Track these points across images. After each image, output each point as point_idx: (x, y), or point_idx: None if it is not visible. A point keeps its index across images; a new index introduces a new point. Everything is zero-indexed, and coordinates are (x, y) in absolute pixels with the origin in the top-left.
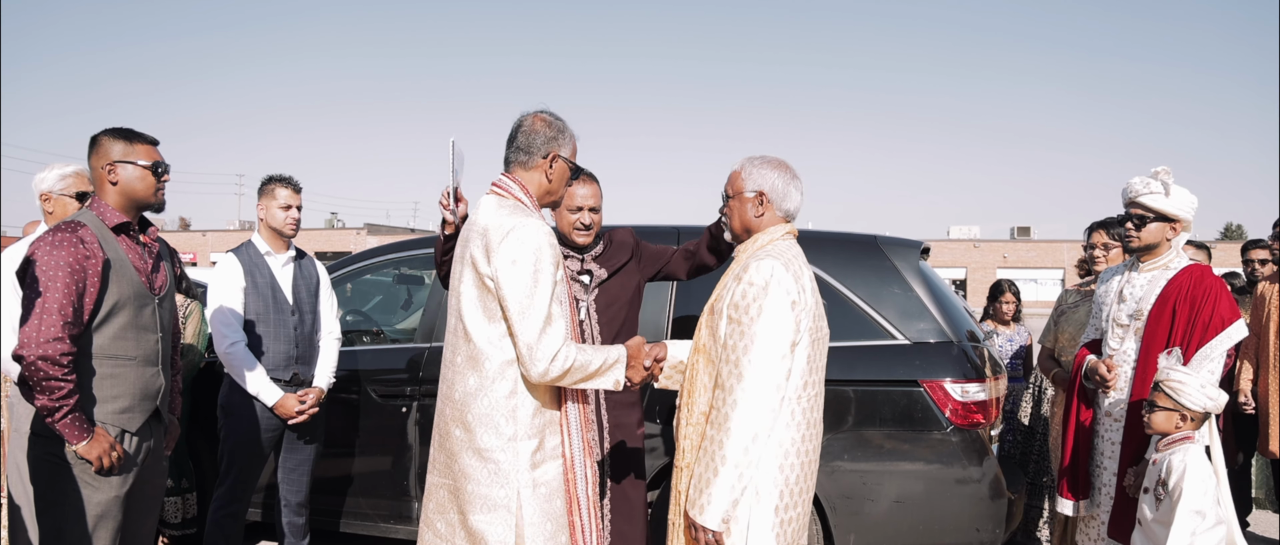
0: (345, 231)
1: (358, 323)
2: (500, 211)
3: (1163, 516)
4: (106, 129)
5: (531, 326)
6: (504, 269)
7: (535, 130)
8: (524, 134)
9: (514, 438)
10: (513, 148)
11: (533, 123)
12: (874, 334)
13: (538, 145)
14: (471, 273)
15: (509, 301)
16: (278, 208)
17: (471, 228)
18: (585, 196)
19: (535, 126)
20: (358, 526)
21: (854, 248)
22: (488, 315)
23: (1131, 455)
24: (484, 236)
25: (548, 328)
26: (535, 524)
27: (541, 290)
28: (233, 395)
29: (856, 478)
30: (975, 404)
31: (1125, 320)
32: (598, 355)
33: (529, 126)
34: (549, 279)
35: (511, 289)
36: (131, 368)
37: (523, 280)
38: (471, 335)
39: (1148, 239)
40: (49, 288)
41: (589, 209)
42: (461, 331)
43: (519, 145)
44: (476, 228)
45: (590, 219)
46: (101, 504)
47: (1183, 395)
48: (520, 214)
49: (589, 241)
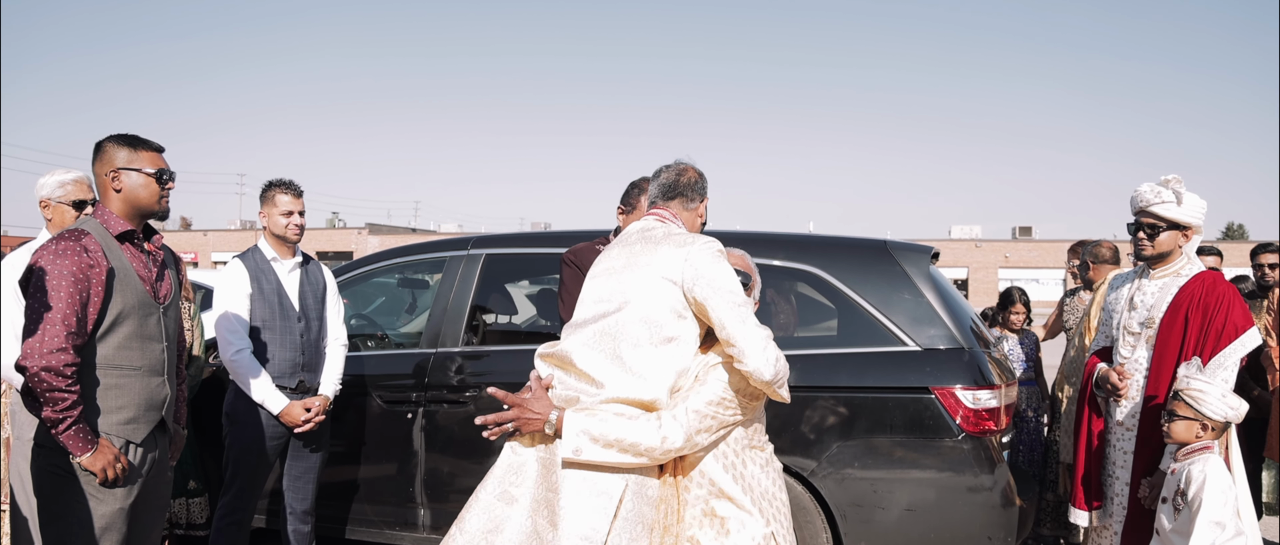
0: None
1: (361, 327)
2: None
3: (1182, 527)
4: (111, 135)
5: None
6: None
7: (697, 180)
8: (688, 178)
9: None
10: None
11: (692, 172)
12: (884, 340)
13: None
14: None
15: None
16: (279, 214)
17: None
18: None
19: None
20: (363, 533)
21: (864, 253)
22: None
23: (1145, 465)
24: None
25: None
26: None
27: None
28: (238, 403)
29: (867, 485)
30: (986, 411)
31: (1136, 328)
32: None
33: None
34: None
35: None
36: (136, 378)
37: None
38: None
39: (1161, 248)
40: (53, 297)
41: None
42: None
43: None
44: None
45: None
46: (106, 516)
47: (1204, 404)
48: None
49: None
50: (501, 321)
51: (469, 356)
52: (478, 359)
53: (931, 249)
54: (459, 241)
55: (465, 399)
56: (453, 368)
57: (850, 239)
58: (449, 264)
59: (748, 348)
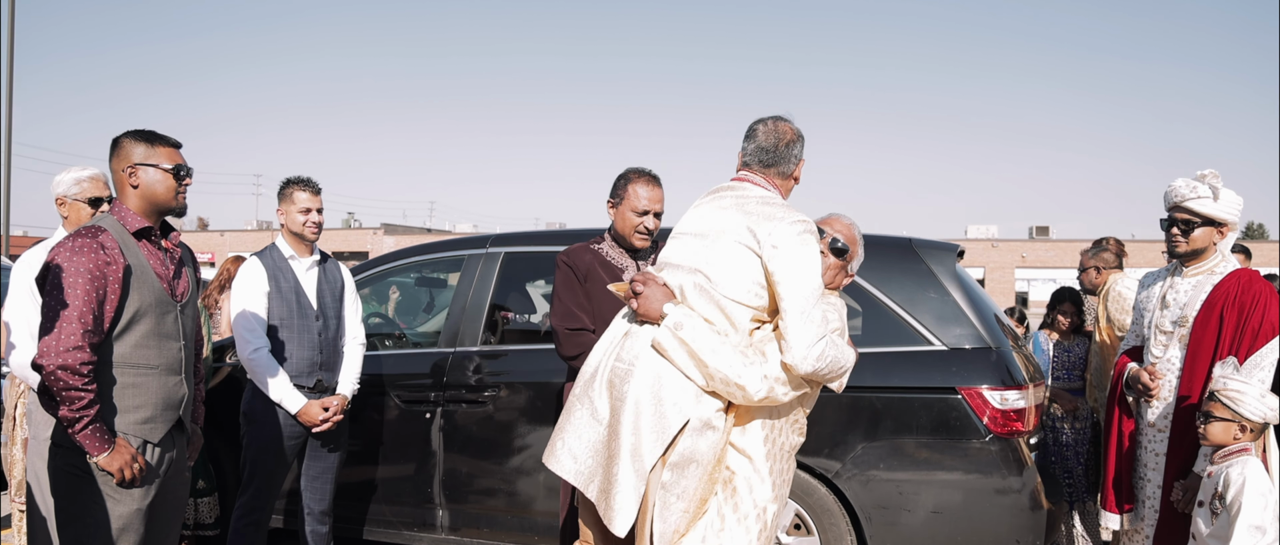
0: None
1: (379, 326)
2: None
3: (1219, 531)
4: (128, 131)
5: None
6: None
7: (794, 142)
8: (786, 142)
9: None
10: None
11: (790, 133)
12: (909, 339)
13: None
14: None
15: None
16: (297, 212)
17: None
18: (652, 199)
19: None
20: (381, 534)
21: (889, 251)
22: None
23: (1178, 468)
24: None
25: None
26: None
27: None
28: (256, 402)
29: (892, 487)
30: (1014, 412)
31: (1169, 327)
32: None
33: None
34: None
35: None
36: (153, 377)
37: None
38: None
39: (1195, 244)
40: (69, 295)
41: (655, 214)
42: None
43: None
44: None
45: (654, 224)
46: (124, 517)
47: (1242, 405)
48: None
49: (647, 247)
50: (520, 320)
51: (488, 356)
52: (497, 358)
53: (957, 247)
54: (478, 240)
55: (484, 399)
56: (471, 367)
57: (875, 237)
58: (468, 263)
59: (793, 340)
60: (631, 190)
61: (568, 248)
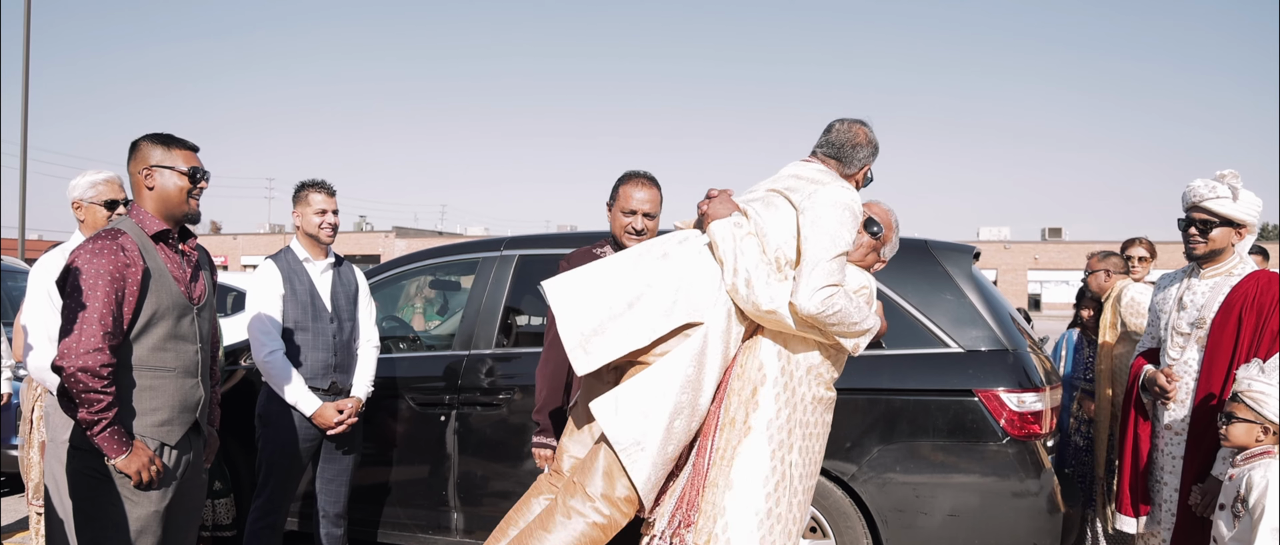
0: (374, 235)
1: (393, 329)
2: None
3: (1242, 535)
4: (147, 134)
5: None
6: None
7: (863, 145)
8: (855, 141)
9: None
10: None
11: (862, 135)
12: (926, 342)
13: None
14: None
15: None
16: (312, 213)
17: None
18: (641, 200)
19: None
20: (396, 537)
21: (905, 253)
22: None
23: (1195, 470)
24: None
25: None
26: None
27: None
28: (271, 404)
29: (909, 490)
30: (1031, 414)
31: (1186, 329)
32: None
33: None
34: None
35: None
36: (171, 379)
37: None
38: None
39: (1213, 245)
40: (89, 297)
41: (644, 214)
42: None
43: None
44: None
45: (643, 224)
46: (142, 518)
47: (1266, 407)
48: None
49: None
50: (535, 323)
51: (502, 358)
52: (511, 361)
53: (973, 249)
54: (492, 242)
55: (499, 401)
56: (485, 370)
57: None
58: (482, 265)
59: (801, 282)
60: (622, 192)
61: (570, 254)
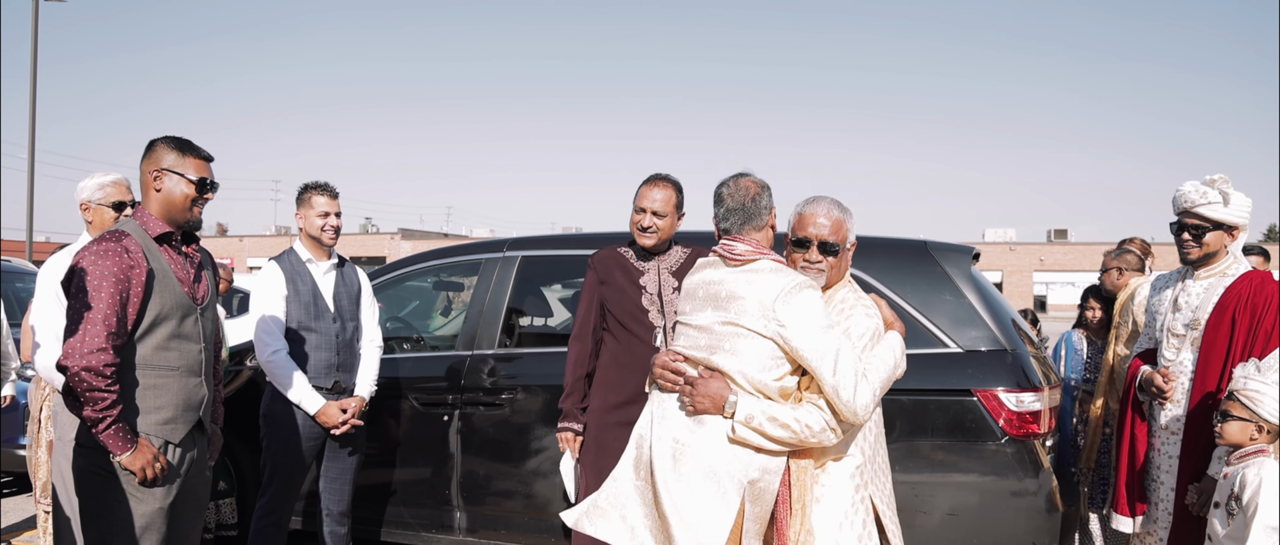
0: (380, 237)
1: (397, 329)
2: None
3: (1236, 533)
4: (165, 136)
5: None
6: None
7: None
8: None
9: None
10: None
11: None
12: (925, 342)
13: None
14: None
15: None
16: (315, 216)
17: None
18: (652, 199)
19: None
20: (399, 536)
21: (904, 253)
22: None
23: (1191, 471)
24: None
25: None
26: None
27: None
28: (275, 404)
29: (908, 489)
30: (1030, 414)
31: (1181, 330)
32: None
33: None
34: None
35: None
36: (175, 378)
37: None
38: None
39: (1207, 250)
40: (94, 298)
41: (653, 212)
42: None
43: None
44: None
45: (650, 222)
46: (146, 515)
47: (1261, 406)
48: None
49: (651, 245)
50: (537, 324)
51: (504, 359)
52: (513, 361)
53: (972, 249)
54: (495, 243)
55: (501, 401)
56: (488, 370)
57: (889, 239)
58: (485, 266)
59: (839, 402)
60: (640, 191)
61: (597, 253)
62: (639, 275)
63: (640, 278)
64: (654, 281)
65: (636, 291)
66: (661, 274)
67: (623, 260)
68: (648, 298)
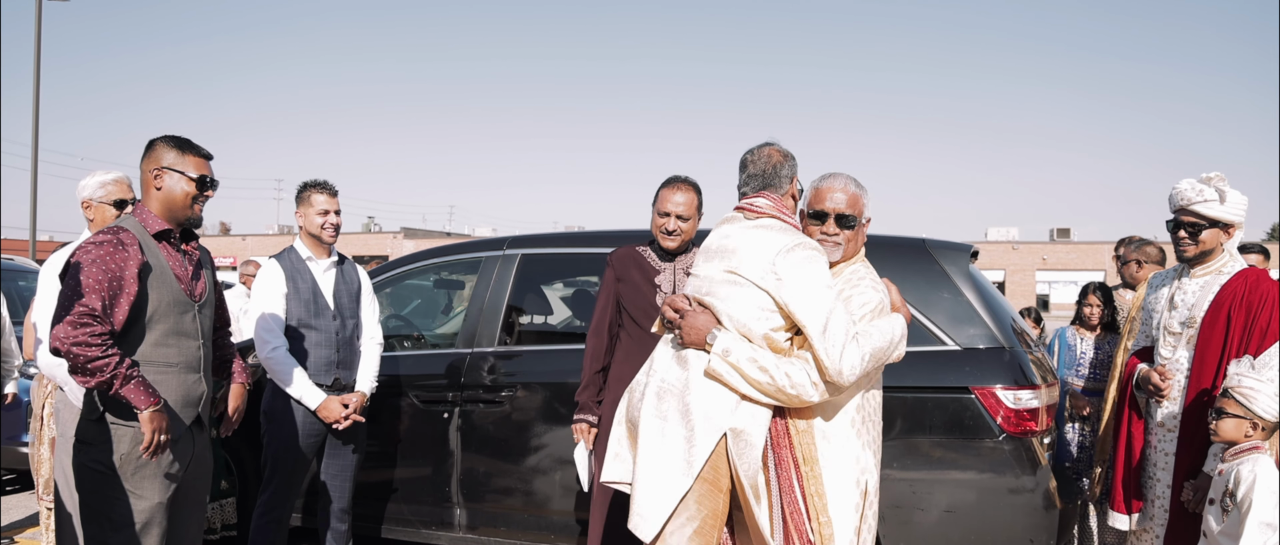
0: (382, 235)
1: (398, 328)
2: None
3: (1230, 529)
4: (165, 135)
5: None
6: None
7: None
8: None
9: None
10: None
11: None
12: (923, 339)
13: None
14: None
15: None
16: (315, 214)
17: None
18: (676, 203)
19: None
20: (400, 532)
21: (902, 251)
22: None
23: (1187, 467)
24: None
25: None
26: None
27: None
28: (275, 401)
29: (906, 487)
30: (1027, 411)
31: (1177, 328)
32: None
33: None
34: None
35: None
36: (173, 374)
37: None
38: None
39: (1203, 247)
40: (84, 286)
41: (677, 216)
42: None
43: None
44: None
45: (675, 225)
46: (146, 511)
47: (1255, 403)
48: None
49: (675, 247)
50: (537, 322)
51: (504, 357)
52: (513, 359)
53: (970, 247)
54: (495, 242)
55: (501, 399)
56: (488, 368)
57: (888, 237)
58: (485, 264)
59: (824, 361)
60: (661, 194)
61: (617, 251)
62: (655, 274)
63: (656, 277)
64: (669, 281)
65: (652, 290)
66: (678, 274)
67: (640, 259)
68: (662, 297)
